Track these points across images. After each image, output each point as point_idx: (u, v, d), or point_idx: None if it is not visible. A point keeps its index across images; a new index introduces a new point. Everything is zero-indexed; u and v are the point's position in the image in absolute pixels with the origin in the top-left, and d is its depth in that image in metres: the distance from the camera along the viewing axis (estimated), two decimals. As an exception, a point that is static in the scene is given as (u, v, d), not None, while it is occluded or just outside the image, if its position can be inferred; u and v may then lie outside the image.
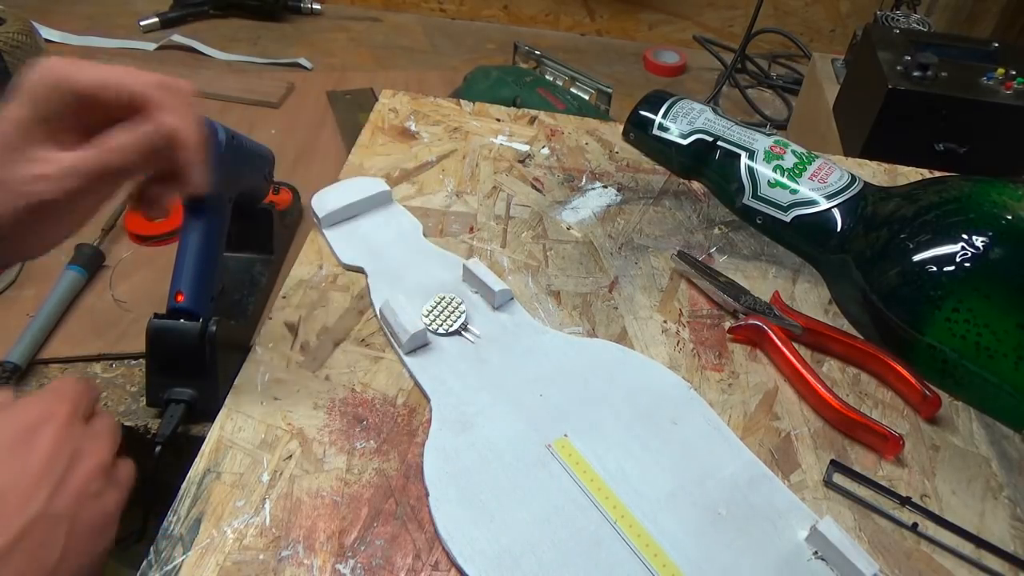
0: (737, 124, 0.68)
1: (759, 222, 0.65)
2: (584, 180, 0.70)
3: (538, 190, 0.69)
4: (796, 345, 0.54)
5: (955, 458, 0.50)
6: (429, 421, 0.48)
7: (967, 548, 0.45)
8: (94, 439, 0.37)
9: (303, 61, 1.17)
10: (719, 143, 0.67)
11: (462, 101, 0.79)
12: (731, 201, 0.67)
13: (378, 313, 0.55)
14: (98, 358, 0.59)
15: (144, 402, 0.54)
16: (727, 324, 0.57)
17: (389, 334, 0.53)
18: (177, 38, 1.18)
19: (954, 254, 0.53)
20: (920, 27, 1.00)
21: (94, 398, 0.39)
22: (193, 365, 0.51)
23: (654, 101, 0.73)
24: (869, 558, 0.41)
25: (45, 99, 0.36)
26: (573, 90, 1.04)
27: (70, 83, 0.36)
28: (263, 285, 0.61)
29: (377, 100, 0.78)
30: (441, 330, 0.54)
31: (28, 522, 0.32)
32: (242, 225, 0.58)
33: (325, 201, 0.62)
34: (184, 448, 0.48)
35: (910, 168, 0.74)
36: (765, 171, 0.64)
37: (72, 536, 0.33)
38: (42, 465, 0.33)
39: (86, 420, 0.37)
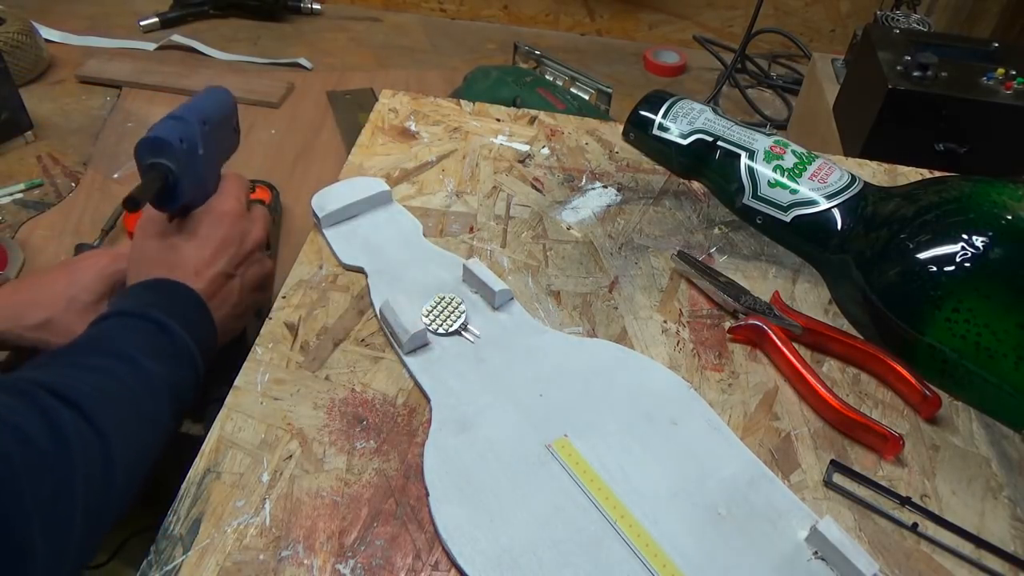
0: (737, 124, 0.68)
1: (759, 222, 0.65)
2: (584, 180, 0.70)
3: (538, 190, 0.69)
4: (796, 345, 0.54)
5: (955, 458, 0.50)
6: (429, 421, 0.48)
7: (967, 548, 0.45)
8: (254, 223, 0.53)
9: (303, 61, 1.17)
10: (719, 143, 0.67)
11: (462, 101, 0.79)
12: (731, 201, 0.67)
13: (378, 313, 0.55)
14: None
15: None
16: (727, 324, 0.57)
17: (389, 334, 0.53)
18: (177, 38, 1.18)
19: (954, 254, 0.53)
20: (920, 27, 1.00)
21: (249, 189, 0.55)
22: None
23: (654, 101, 0.73)
24: (869, 558, 0.41)
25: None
26: (573, 90, 1.04)
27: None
28: None
29: (377, 100, 0.78)
30: (441, 330, 0.53)
31: (215, 275, 0.49)
32: None
33: (325, 201, 0.62)
34: (184, 448, 0.48)
35: (910, 168, 0.74)
36: (765, 171, 0.64)
37: (242, 286, 0.52)
38: (222, 242, 0.50)
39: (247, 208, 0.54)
